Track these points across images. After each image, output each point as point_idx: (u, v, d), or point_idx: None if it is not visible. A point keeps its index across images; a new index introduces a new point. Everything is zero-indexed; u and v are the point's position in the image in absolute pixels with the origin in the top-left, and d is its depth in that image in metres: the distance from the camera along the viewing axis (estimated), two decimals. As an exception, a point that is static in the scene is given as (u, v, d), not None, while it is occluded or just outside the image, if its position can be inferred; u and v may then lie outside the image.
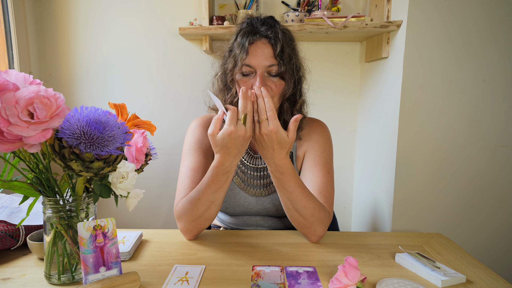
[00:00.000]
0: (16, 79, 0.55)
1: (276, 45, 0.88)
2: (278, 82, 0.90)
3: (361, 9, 1.57)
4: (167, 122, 1.65)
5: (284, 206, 0.86)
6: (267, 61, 0.88)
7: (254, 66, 0.88)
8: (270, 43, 0.89)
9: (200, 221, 0.84)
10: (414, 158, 1.31)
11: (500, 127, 1.29)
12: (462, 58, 1.25)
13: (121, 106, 0.69)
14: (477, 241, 1.36)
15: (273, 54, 0.88)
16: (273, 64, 0.88)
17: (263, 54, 0.88)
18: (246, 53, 0.88)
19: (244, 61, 0.88)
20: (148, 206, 1.70)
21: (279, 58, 0.88)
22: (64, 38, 1.59)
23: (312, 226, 0.85)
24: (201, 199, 0.82)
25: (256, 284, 0.67)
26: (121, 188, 0.64)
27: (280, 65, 0.88)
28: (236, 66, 0.90)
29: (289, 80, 0.91)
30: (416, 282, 0.66)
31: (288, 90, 0.92)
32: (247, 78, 0.90)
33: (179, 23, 1.56)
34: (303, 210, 0.83)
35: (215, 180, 0.81)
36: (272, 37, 0.89)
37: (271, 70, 0.89)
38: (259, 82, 0.86)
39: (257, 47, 0.89)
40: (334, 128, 1.65)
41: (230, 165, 0.80)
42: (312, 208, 0.83)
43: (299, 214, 0.84)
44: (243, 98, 0.77)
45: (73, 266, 0.66)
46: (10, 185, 0.59)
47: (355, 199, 1.73)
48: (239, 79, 0.91)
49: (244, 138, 0.76)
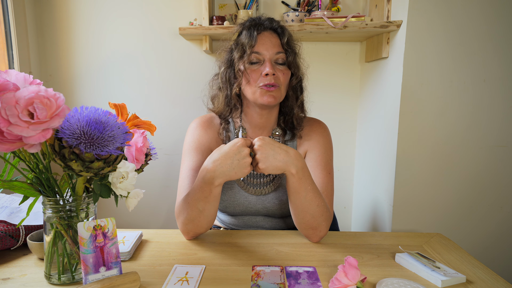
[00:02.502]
0: (16, 79, 0.55)
1: (284, 34, 0.92)
2: (285, 71, 0.92)
3: (361, 9, 1.57)
4: (167, 122, 1.65)
5: (297, 208, 0.83)
6: (275, 49, 0.90)
7: (263, 53, 0.90)
8: (277, 33, 0.93)
9: (194, 224, 0.83)
10: (414, 158, 1.31)
11: (500, 127, 1.29)
12: (462, 58, 1.25)
13: (121, 106, 0.69)
14: (477, 241, 1.36)
15: (280, 43, 0.91)
16: (280, 52, 0.91)
17: (270, 42, 0.91)
18: (255, 41, 0.90)
19: (253, 48, 0.90)
20: (148, 206, 1.70)
21: (287, 47, 0.91)
22: (64, 38, 1.59)
23: (319, 227, 0.85)
24: (190, 204, 0.81)
25: (256, 284, 0.67)
26: (121, 188, 0.64)
27: (288, 53, 0.91)
28: (245, 54, 0.91)
29: (295, 70, 0.93)
30: (416, 282, 0.66)
31: (295, 79, 0.94)
32: (256, 66, 0.91)
33: (179, 23, 1.56)
34: (316, 209, 0.82)
35: (200, 186, 0.79)
36: (278, 27, 0.93)
37: (278, 58, 0.91)
38: (269, 67, 0.88)
39: (264, 36, 0.92)
40: (334, 128, 1.65)
41: (213, 170, 0.77)
42: (323, 207, 0.84)
43: (311, 215, 0.83)
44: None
45: (73, 266, 0.66)
46: (10, 185, 0.59)
47: (355, 199, 1.73)
48: (248, 67, 0.91)
49: (241, 153, 0.77)
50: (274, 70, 0.88)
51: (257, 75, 0.90)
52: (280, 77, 0.90)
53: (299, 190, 0.81)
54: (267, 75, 0.88)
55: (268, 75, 0.88)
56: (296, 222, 0.87)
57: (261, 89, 0.89)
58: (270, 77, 0.88)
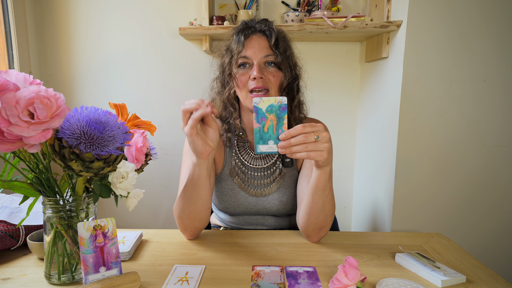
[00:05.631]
0: (16, 79, 0.55)
1: (271, 36, 0.91)
2: (276, 73, 0.91)
3: (361, 9, 1.57)
4: (167, 122, 1.65)
5: (316, 208, 0.82)
6: (263, 51, 0.90)
7: (251, 57, 0.90)
8: (265, 35, 0.92)
9: (187, 217, 0.83)
10: (414, 158, 1.31)
11: (499, 127, 1.29)
12: (462, 58, 1.25)
13: (121, 106, 0.69)
14: (477, 241, 1.36)
15: (268, 45, 0.91)
16: (269, 54, 0.90)
17: (258, 45, 0.90)
18: (242, 46, 0.90)
19: (240, 53, 0.90)
20: (148, 206, 1.70)
21: (275, 48, 0.91)
22: (64, 38, 1.59)
23: (325, 226, 0.85)
24: (181, 195, 0.83)
25: (256, 284, 0.67)
26: (121, 188, 0.64)
27: (276, 55, 0.90)
28: (233, 59, 0.91)
29: (286, 71, 0.92)
30: (416, 282, 0.66)
31: (285, 80, 0.93)
32: (244, 70, 0.91)
33: (179, 23, 1.56)
34: (331, 208, 0.83)
35: (186, 185, 0.80)
36: (266, 29, 0.92)
37: (267, 60, 0.91)
38: (256, 71, 0.87)
39: (252, 40, 0.91)
40: (334, 128, 1.65)
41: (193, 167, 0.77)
42: (334, 206, 0.84)
43: (325, 214, 0.82)
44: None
45: (73, 266, 0.66)
46: (10, 185, 0.59)
47: (355, 199, 1.73)
48: (236, 72, 0.92)
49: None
50: (262, 74, 0.88)
51: (246, 79, 0.90)
52: (271, 79, 0.90)
53: (325, 188, 0.79)
54: (255, 79, 0.88)
55: (256, 78, 0.88)
56: (307, 222, 0.85)
57: (251, 96, 0.89)
58: (257, 80, 0.88)
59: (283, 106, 0.68)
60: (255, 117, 0.69)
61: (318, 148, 0.69)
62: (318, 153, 0.69)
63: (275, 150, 0.70)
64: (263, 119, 0.69)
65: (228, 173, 0.99)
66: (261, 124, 0.69)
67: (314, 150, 0.69)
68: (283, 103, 0.68)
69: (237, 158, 0.99)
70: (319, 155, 0.70)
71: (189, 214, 0.83)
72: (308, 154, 0.69)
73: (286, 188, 0.98)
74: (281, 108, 0.69)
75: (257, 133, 0.69)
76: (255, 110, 0.69)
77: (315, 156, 0.70)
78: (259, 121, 0.69)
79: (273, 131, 0.69)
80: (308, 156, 0.69)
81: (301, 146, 0.68)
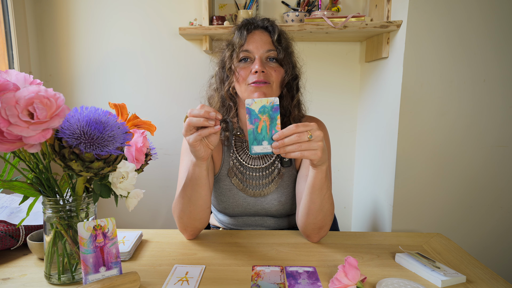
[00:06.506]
0: (16, 79, 0.55)
1: (274, 32, 0.91)
2: (277, 68, 0.91)
3: (361, 9, 1.57)
4: (167, 122, 1.65)
5: (315, 207, 0.82)
6: (265, 46, 0.90)
7: (253, 51, 0.90)
8: (268, 31, 0.92)
9: (187, 216, 0.83)
10: (414, 158, 1.31)
11: (499, 127, 1.29)
12: (462, 58, 1.25)
13: (121, 106, 0.69)
14: (477, 241, 1.36)
15: (271, 41, 0.91)
16: (271, 49, 0.90)
17: (261, 40, 0.90)
18: (244, 40, 0.90)
19: (242, 47, 0.90)
20: (148, 206, 1.70)
21: (277, 44, 0.91)
22: (64, 38, 1.59)
23: (325, 226, 0.85)
24: (180, 194, 0.83)
25: (256, 284, 0.67)
26: (121, 188, 0.64)
27: (279, 50, 0.90)
28: (234, 52, 0.91)
29: (287, 67, 0.92)
30: (416, 282, 0.66)
31: (286, 77, 0.93)
32: (246, 65, 0.90)
33: (179, 23, 1.56)
34: (330, 208, 0.83)
35: (185, 184, 0.80)
36: (268, 25, 0.93)
37: (269, 56, 0.90)
38: (258, 65, 0.87)
39: (255, 35, 0.92)
40: (334, 128, 1.65)
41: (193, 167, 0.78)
42: (333, 205, 0.84)
43: (324, 213, 0.82)
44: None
45: (73, 266, 0.66)
46: (10, 185, 0.59)
47: (355, 199, 1.73)
48: (237, 65, 0.91)
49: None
50: (264, 67, 0.88)
51: (247, 73, 0.89)
52: (272, 74, 0.89)
53: (322, 187, 0.79)
54: (256, 72, 0.87)
55: (258, 72, 0.87)
56: (306, 222, 0.85)
57: (251, 87, 0.88)
58: (259, 73, 0.87)
59: (275, 106, 0.69)
60: (248, 118, 0.69)
61: (311, 147, 0.70)
62: (312, 152, 0.70)
63: (270, 151, 0.70)
64: (256, 120, 0.69)
65: (226, 173, 0.98)
66: (254, 125, 0.70)
67: (307, 149, 0.69)
68: (275, 104, 0.69)
69: (235, 158, 0.99)
70: (313, 154, 0.70)
71: (189, 214, 0.83)
72: (302, 153, 0.69)
73: (285, 188, 0.98)
74: (273, 109, 0.69)
75: (251, 134, 0.70)
76: (248, 112, 0.69)
77: (309, 155, 0.70)
78: (253, 122, 0.69)
79: (267, 131, 0.70)
80: (302, 155, 0.69)
81: (294, 146, 0.69)
